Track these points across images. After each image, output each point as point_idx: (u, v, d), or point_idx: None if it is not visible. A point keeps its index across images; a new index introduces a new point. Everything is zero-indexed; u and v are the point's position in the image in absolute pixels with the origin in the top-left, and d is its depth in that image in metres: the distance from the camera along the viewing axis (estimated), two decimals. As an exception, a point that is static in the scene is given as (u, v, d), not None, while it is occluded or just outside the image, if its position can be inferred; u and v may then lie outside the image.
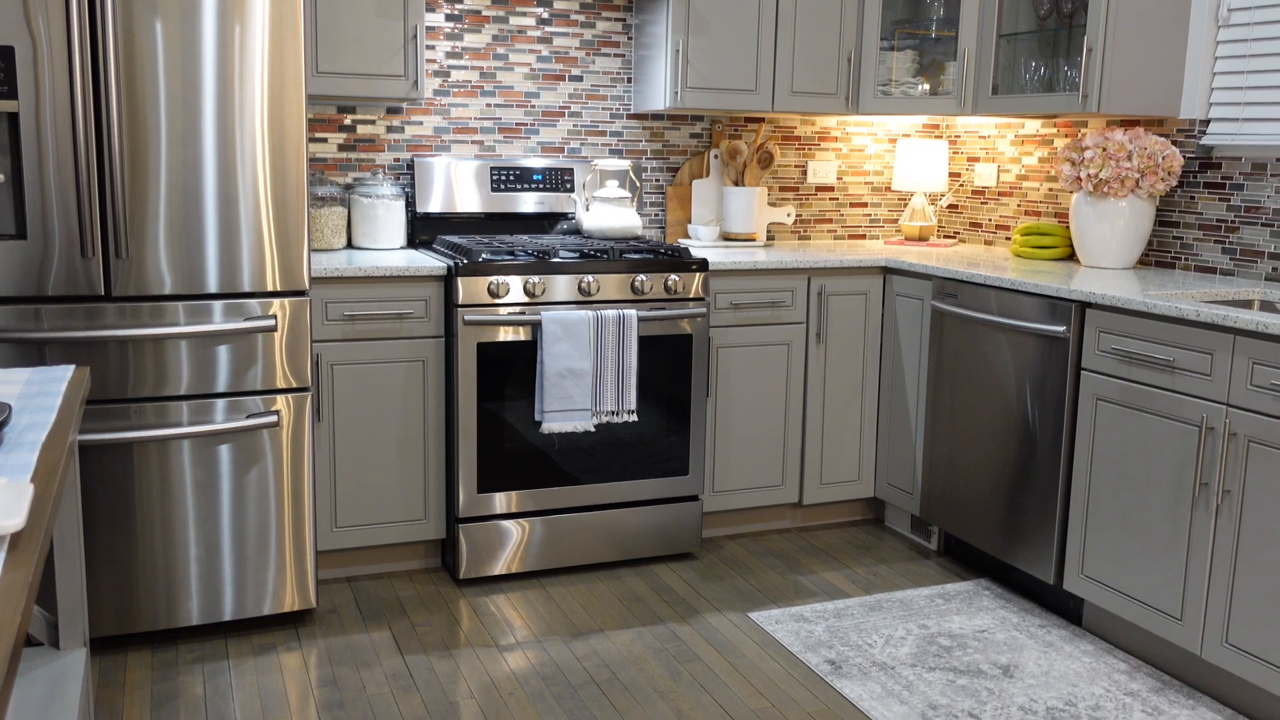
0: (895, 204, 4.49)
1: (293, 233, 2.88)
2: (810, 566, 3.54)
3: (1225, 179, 3.32)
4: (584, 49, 3.93)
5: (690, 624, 3.10)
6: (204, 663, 2.82)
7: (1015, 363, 3.18)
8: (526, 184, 3.80)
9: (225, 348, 2.85)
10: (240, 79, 2.77)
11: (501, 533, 3.34)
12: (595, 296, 3.33)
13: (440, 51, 3.75)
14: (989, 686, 2.75)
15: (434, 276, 3.23)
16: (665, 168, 4.11)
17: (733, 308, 3.59)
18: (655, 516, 3.51)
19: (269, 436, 2.92)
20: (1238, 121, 3.27)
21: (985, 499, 3.33)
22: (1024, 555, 3.19)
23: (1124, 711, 2.64)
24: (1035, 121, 4.01)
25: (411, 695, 2.67)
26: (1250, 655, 2.53)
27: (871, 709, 2.63)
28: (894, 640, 3.00)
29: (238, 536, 2.92)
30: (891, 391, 3.76)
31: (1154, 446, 2.74)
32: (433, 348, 3.26)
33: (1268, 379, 2.46)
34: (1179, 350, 2.67)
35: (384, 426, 3.25)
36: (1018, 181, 4.10)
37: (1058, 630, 3.08)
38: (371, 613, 3.13)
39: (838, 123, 4.34)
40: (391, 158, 3.74)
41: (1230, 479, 2.55)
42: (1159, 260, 3.54)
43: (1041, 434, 3.10)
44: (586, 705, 2.64)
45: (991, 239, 4.25)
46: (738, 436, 3.67)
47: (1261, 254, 3.22)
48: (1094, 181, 3.39)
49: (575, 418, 3.29)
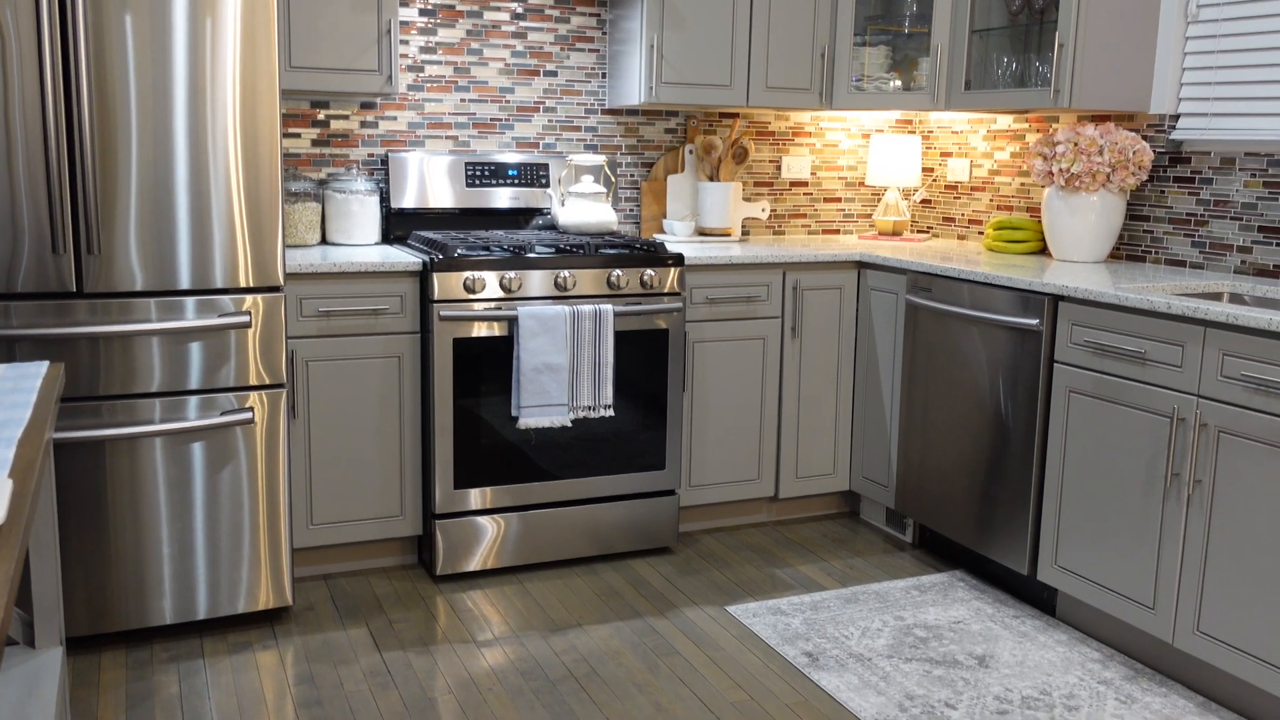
0: (869, 199, 4.51)
1: (266, 229, 2.86)
2: (787, 560, 3.56)
3: (1195, 173, 3.35)
4: (558, 44, 3.92)
5: (668, 618, 3.10)
6: (179, 662, 2.80)
7: (989, 356, 3.21)
8: (501, 179, 3.79)
9: (198, 344, 2.83)
10: (212, 74, 2.75)
11: (478, 529, 3.33)
12: (571, 292, 3.33)
13: (414, 46, 3.73)
14: (965, 677, 2.77)
15: (409, 272, 3.22)
16: (640, 163, 4.12)
17: (708, 302, 3.60)
18: (632, 511, 3.51)
19: (243, 434, 2.90)
20: (1206, 116, 3.31)
21: (959, 491, 3.36)
22: (998, 547, 3.22)
23: (1097, 700, 2.67)
24: (1007, 117, 4.04)
25: (389, 692, 2.66)
26: (1221, 642, 2.56)
27: (848, 700, 2.64)
28: (870, 632, 3.02)
29: (211, 534, 2.90)
30: (866, 385, 3.78)
31: (1126, 438, 2.77)
32: (408, 344, 3.25)
33: (1237, 370, 2.49)
34: (1150, 342, 2.70)
35: (360, 423, 3.23)
36: (990, 176, 4.13)
37: (1032, 620, 3.11)
38: (348, 610, 3.12)
39: (812, 118, 4.35)
40: (366, 153, 3.72)
41: (1201, 469, 2.58)
42: (1130, 254, 3.58)
43: (1015, 426, 3.13)
44: (565, 700, 2.64)
45: (965, 233, 4.28)
46: (714, 431, 3.68)
47: (1230, 247, 3.26)
48: (1065, 176, 3.42)
49: (552, 413, 3.28)
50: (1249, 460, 2.47)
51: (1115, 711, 2.61)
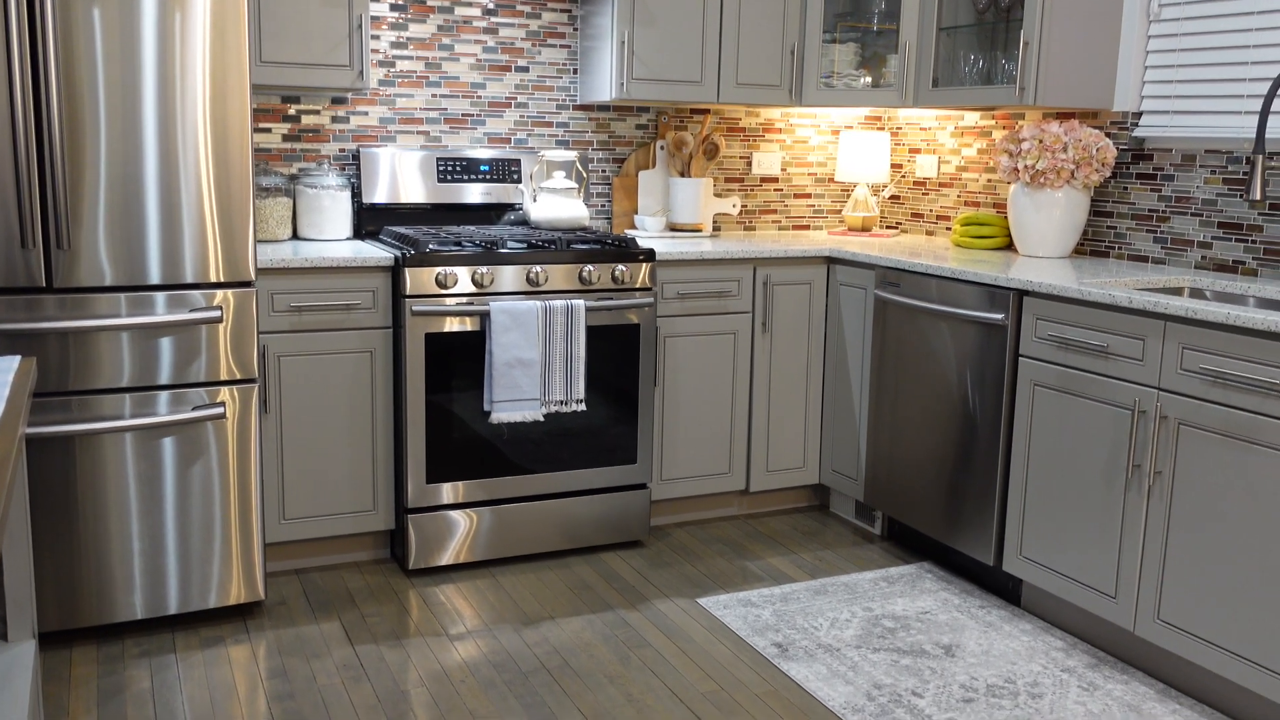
0: (839, 195, 4.55)
1: (237, 224, 2.86)
2: (757, 552, 3.59)
3: (1157, 170, 3.41)
4: (530, 40, 3.94)
5: (639, 610, 3.13)
6: (151, 656, 2.80)
7: (956, 350, 3.25)
8: (473, 175, 3.80)
9: (169, 339, 2.83)
10: (181, 69, 2.74)
11: (451, 523, 3.34)
12: (543, 287, 3.34)
13: (385, 41, 3.74)
14: (931, 666, 2.81)
15: (381, 267, 3.23)
16: (612, 159, 4.13)
17: (679, 297, 3.63)
18: (604, 505, 3.54)
19: (215, 429, 2.90)
20: (1168, 114, 3.37)
21: (927, 484, 3.40)
22: (965, 538, 3.26)
23: (1061, 687, 2.72)
24: (974, 114, 4.09)
25: (362, 685, 2.68)
26: (1180, 630, 2.62)
27: (817, 690, 2.68)
28: (839, 623, 3.06)
29: (182, 529, 2.90)
30: (836, 379, 3.82)
31: (1089, 430, 2.82)
32: (380, 339, 3.26)
33: (1196, 363, 2.54)
34: (1113, 336, 2.75)
35: (332, 418, 3.24)
36: (958, 172, 4.18)
37: (998, 610, 3.16)
38: (321, 604, 3.12)
39: (782, 114, 4.39)
40: (337, 148, 3.72)
41: (1161, 461, 2.64)
42: (1094, 249, 3.63)
43: (981, 419, 3.17)
44: (537, 691, 2.66)
45: (933, 229, 4.33)
46: (685, 425, 3.70)
47: (1191, 243, 3.32)
48: (1030, 172, 3.46)
49: (524, 407, 3.30)
50: (1207, 451, 2.53)
51: (1078, 699, 2.66)
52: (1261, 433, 2.40)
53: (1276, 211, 3.08)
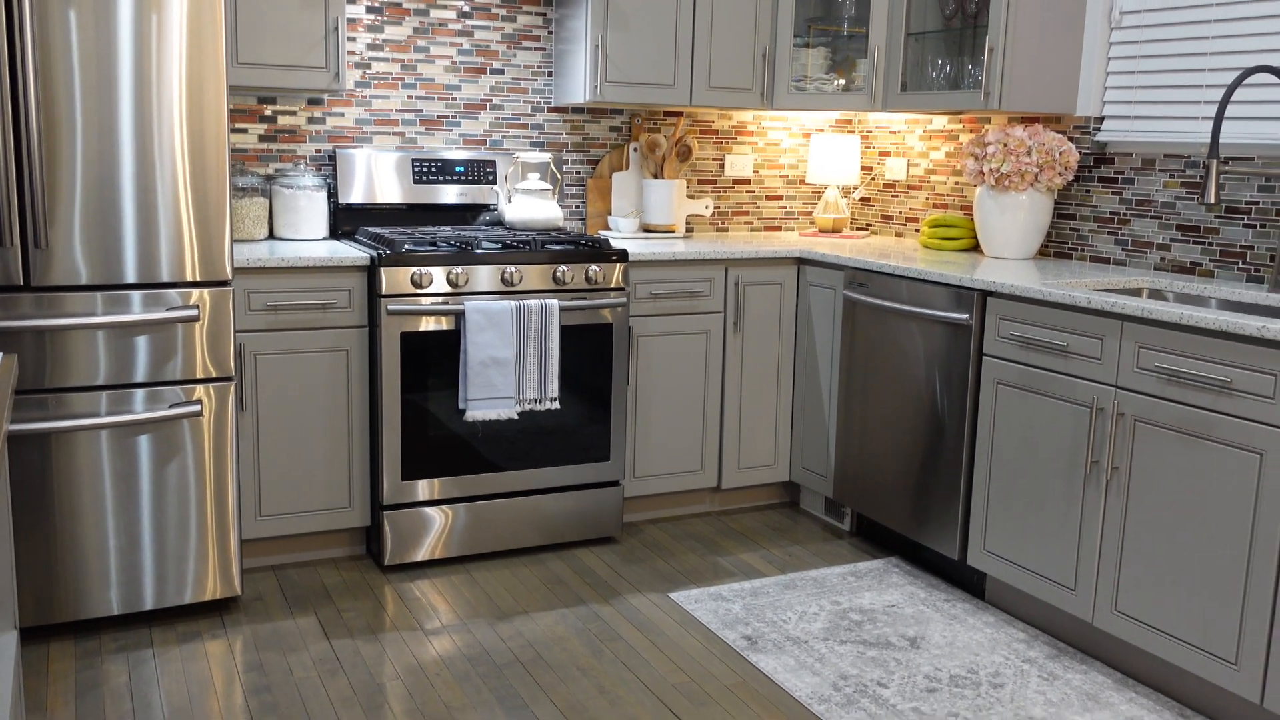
0: (810, 197, 4.62)
1: (214, 223, 2.89)
2: (728, 548, 3.65)
3: (1118, 174, 3.49)
4: (505, 42, 3.98)
5: (612, 605, 3.18)
6: (128, 651, 2.83)
7: (923, 349, 3.32)
8: (448, 176, 3.85)
9: (146, 338, 2.86)
10: (157, 70, 2.78)
11: (426, 519, 3.39)
12: (518, 287, 3.39)
13: (361, 43, 3.77)
14: (897, 657, 2.88)
15: (357, 267, 3.27)
16: (586, 160, 4.19)
17: (652, 297, 3.68)
18: (577, 502, 3.59)
19: (192, 426, 2.93)
20: (1129, 119, 3.45)
21: (895, 481, 3.47)
22: (931, 533, 3.33)
23: (1022, 677, 2.79)
24: (942, 118, 4.17)
25: (338, 678, 2.72)
26: (1137, 621, 2.69)
27: (785, 681, 2.74)
28: (807, 616, 3.12)
29: (158, 526, 2.94)
30: (806, 378, 3.89)
31: (1049, 427, 2.90)
32: (356, 337, 3.30)
33: (1152, 362, 2.62)
34: (1072, 336, 2.83)
35: (308, 416, 3.27)
36: (926, 175, 4.26)
37: (962, 604, 3.23)
38: (297, 600, 3.16)
39: (754, 117, 4.45)
40: (313, 149, 3.76)
41: (1119, 456, 2.71)
42: (1057, 251, 3.71)
43: (947, 417, 3.24)
44: (511, 684, 2.71)
45: (902, 231, 4.40)
46: (658, 423, 3.76)
47: (1151, 244, 3.40)
48: (995, 176, 3.54)
49: (499, 405, 3.35)
50: (1162, 447, 2.60)
51: (1038, 688, 2.73)
52: (1213, 429, 2.48)
53: (1232, 215, 3.17)
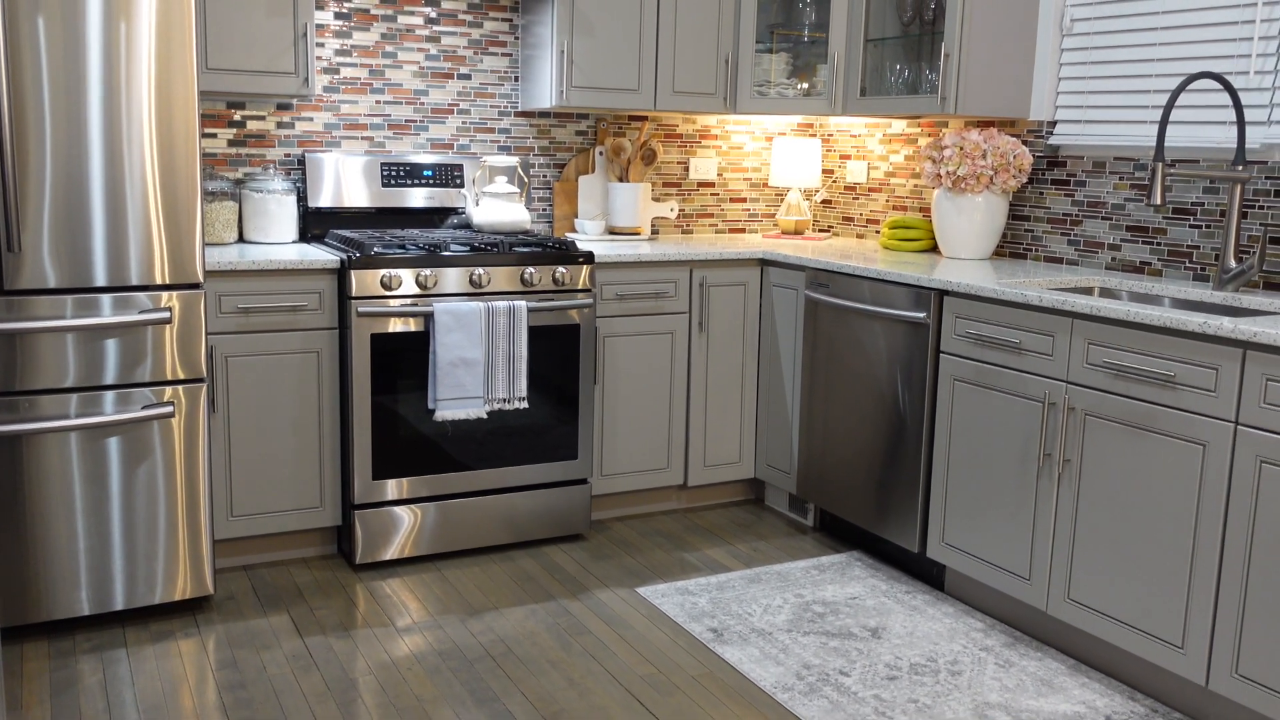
0: (773, 199, 4.71)
1: (184, 227, 2.93)
2: (694, 544, 3.72)
3: (1070, 176, 3.60)
4: (472, 48, 4.04)
5: (581, 600, 3.24)
6: (102, 651, 2.86)
7: (882, 348, 3.41)
8: (417, 179, 3.89)
9: (117, 340, 2.89)
10: (126, 76, 2.81)
11: (396, 518, 3.43)
12: (486, 288, 3.45)
13: (329, 49, 3.82)
14: (858, 647, 2.96)
15: (327, 270, 3.31)
16: (552, 164, 4.25)
17: (618, 298, 3.75)
18: (546, 500, 3.65)
19: (163, 428, 2.97)
20: (1080, 123, 3.55)
21: (857, 476, 3.55)
22: (892, 527, 3.42)
23: (979, 665, 2.87)
24: (901, 122, 4.26)
25: (312, 674, 2.76)
26: (1089, 608, 2.79)
27: (750, 671, 2.81)
28: (772, 609, 3.19)
29: (129, 526, 2.96)
30: (769, 377, 3.97)
31: (1004, 422, 2.99)
32: (326, 339, 3.34)
33: (1100, 358, 2.71)
34: (1025, 333, 2.92)
35: (279, 417, 3.31)
36: (886, 178, 4.35)
37: (922, 595, 3.32)
38: (269, 598, 3.20)
39: (717, 121, 4.53)
40: (282, 153, 3.79)
41: (1070, 449, 2.81)
42: (1013, 251, 3.81)
43: (907, 414, 3.33)
44: (482, 677, 2.76)
45: (863, 232, 4.49)
46: (624, 422, 3.82)
47: (1102, 245, 3.51)
48: (952, 178, 3.64)
49: (468, 405, 3.40)
50: (1110, 440, 2.70)
51: (994, 675, 2.82)
52: (1158, 422, 2.58)
53: (1179, 216, 3.28)
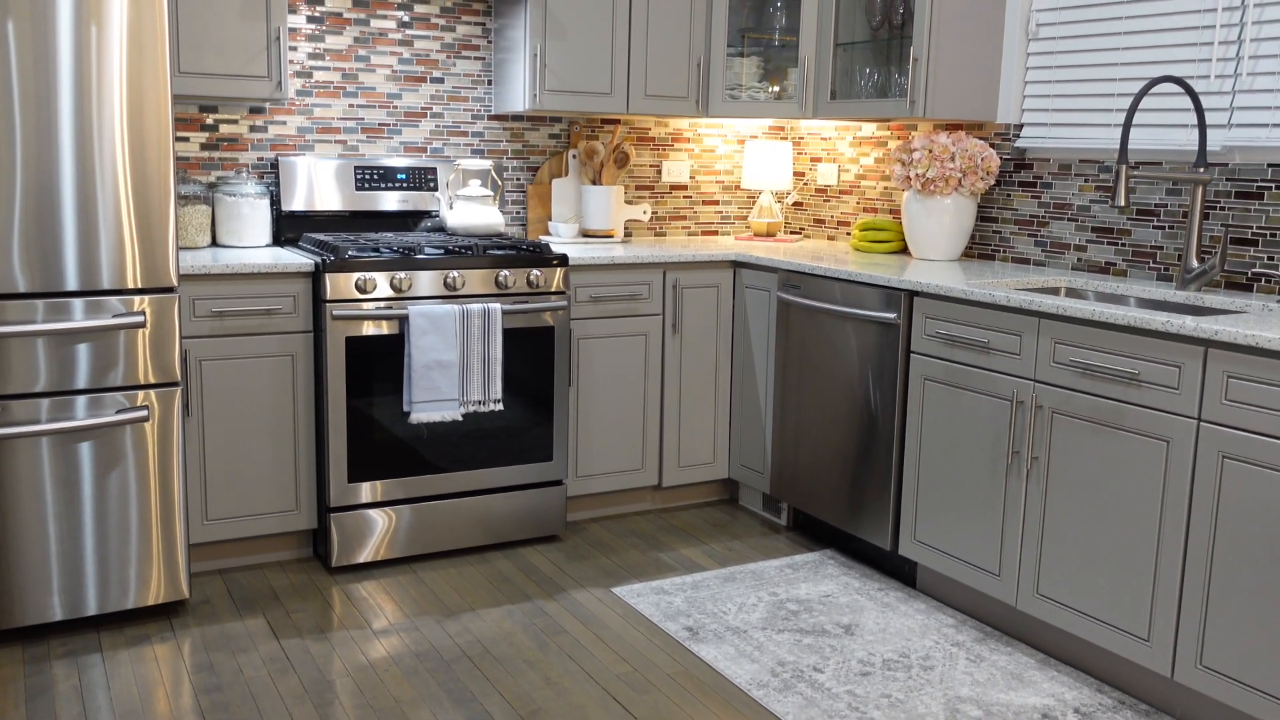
0: (745, 201, 4.74)
1: (157, 231, 2.93)
2: (669, 544, 3.75)
3: (1037, 178, 3.65)
4: (444, 52, 4.05)
5: (557, 600, 3.26)
6: (76, 656, 2.85)
7: (854, 348, 3.45)
8: (390, 183, 3.90)
9: (89, 345, 2.88)
10: (98, 80, 2.81)
11: (372, 521, 3.44)
12: (461, 291, 3.46)
13: (302, 53, 3.82)
14: (832, 644, 2.99)
15: (301, 273, 3.31)
16: (526, 167, 4.27)
17: (592, 300, 3.77)
18: (521, 501, 3.66)
19: (137, 432, 2.96)
20: (1047, 126, 3.61)
21: (830, 476, 3.59)
22: (865, 525, 3.46)
23: (950, 660, 2.92)
24: (871, 125, 4.31)
25: (289, 676, 2.77)
26: (1058, 603, 2.83)
27: (725, 669, 2.84)
28: (746, 607, 3.23)
29: (101, 531, 2.96)
30: (742, 378, 4.00)
31: (973, 420, 3.04)
32: (301, 342, 3.35)
33: (1067, 356, 2.76)
34: (993, 333, 2.97)
35: (254, 420, 3.31)
36: (856, 180, 4.40)
37: (895, 592, 3.36)
38: (245, 602, 3.20)
39: (690, 124, 4.56)
40: (255, 157, 3.79)
41: (1037, 446, 2.85)
42: (981, 252, 3.87)
43: (878, 413, 3.37)
44: (459, 678, 2.78)
45: (834, 234, 4.54)
46: (599, 423, 3.85)
47: (1069, 246, 3.57)
48: (922, 180, 3.68)
49: (443, 407, 3.41)
50: (1077, 437, 2.75)
51: (966, 670, 2.86)
52: (1123, 419, 2.63)
53: (1143, 217, 3.34)
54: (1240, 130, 3.06)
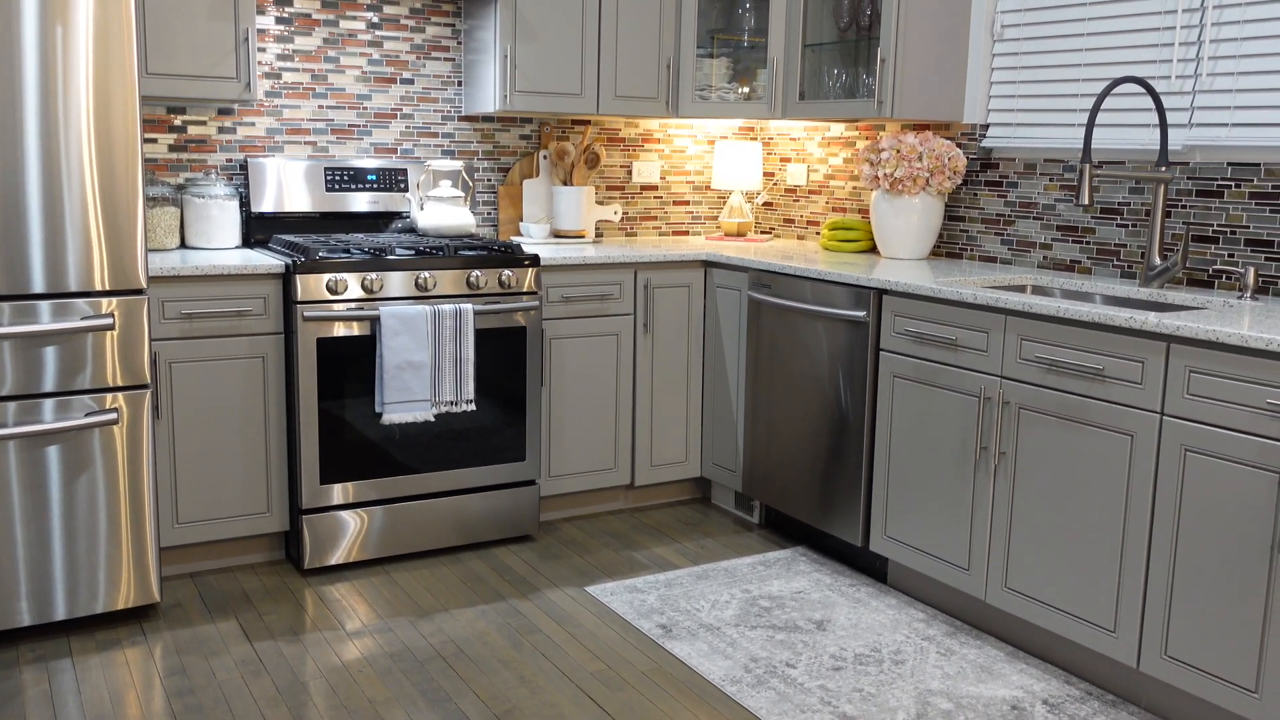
0: (715, 202, 4.77)
1: (125, 233, 2.91)
2: (642, 543, 3.76)
3: (1003, 177, 3.70)
4: (414, 53, 4.05)
5: (531, 600, 3.27)
6: (46, 661, 2.83)
7: (824, 346, 3.48)
8: (361, 184, 3.90)
9: (56, 347, 2.86)
10: (64, 81, 2.79)
11: (345, 523, 3.44)
12: (432, 292, 3.46)
13: (271, 54, 3.81)
14: (804, 640, 3.02)
15: (272, 274, 3.30)
16: (497, 168, 4.27)
17: (564, 301, 3.78)
18: (494, 501, 3.67)
19: (105, 435, 2.94)
20: (1012, 126, 3.66)
21: (801, 473, 3.62)
22: (836, 522, 3.49)
23: (921, 654, 2.95)
24: (839, 125, 4.34)
25: (262, 678, 2.76)
26: (1025, 596, 2.87)
27: (699, 665, 2.86)
28: (719, 604, 3.25)
29: (69, 535, 2.94)
30: (714, 377, 4.02)
31: (942, 416, 3.07)
32: (272, 344, 3.34)
33: (1033, 353, 2.80)
34: (961, 330, 3.00)
35: (225, 422, 3.30)
36: (825, 180, 4.43)
37: (866, 588, 3.39)
38: (217, 605, 3.19)
39: (660, 125, 4.58)
40: (224, 158, 3.78)
41: (1005, 442, 2.89)
42: (949, 251, 3.91)
43: (849, 410, 3.40)
44: (433, 678, 2.78)
45: (804, 234, 4.57)
46: (571, 423, 3.86)
47: (1034, 244, 3.61)
48: (890, 180, 3.72)
49: (415, 408, 3.41)
50: (1043, 432, 2.79)
51: (936, 663, 2.90)
52: (1089, 414, 2.67)
53: (1107, 215, 3.39)
54: (1201, 130, 3.11)
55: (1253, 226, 3.02)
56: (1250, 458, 2.35)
